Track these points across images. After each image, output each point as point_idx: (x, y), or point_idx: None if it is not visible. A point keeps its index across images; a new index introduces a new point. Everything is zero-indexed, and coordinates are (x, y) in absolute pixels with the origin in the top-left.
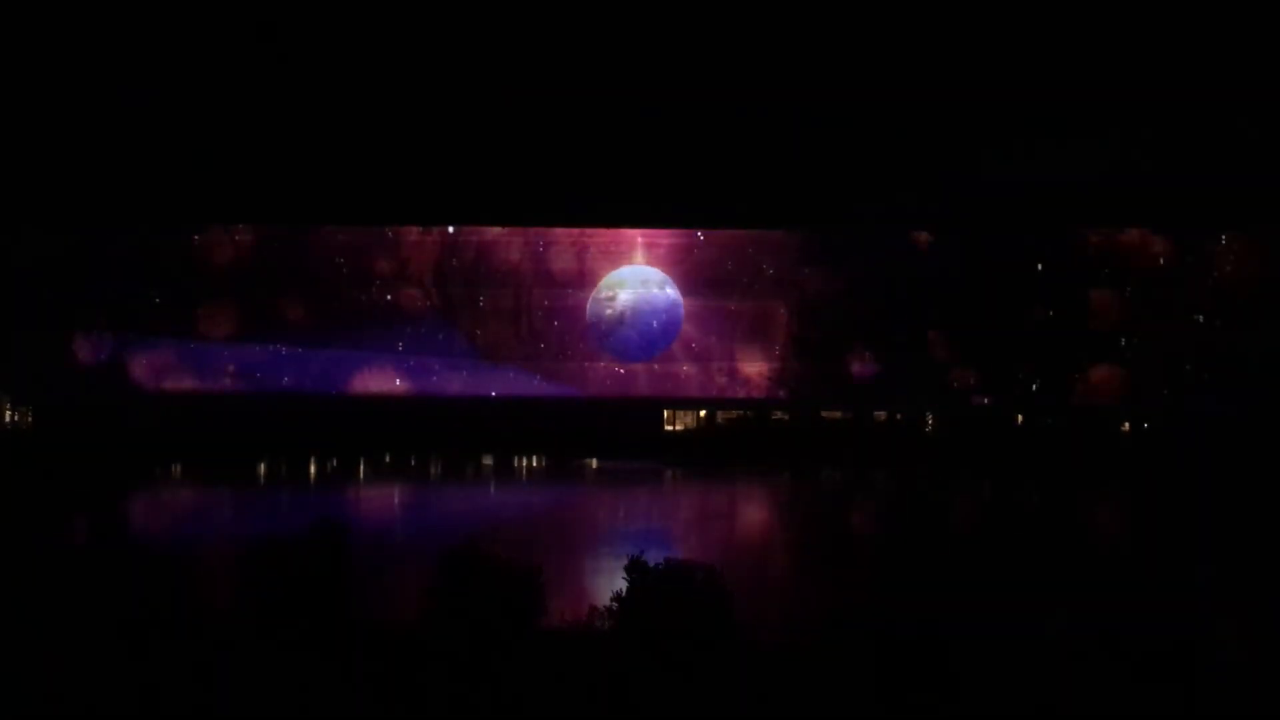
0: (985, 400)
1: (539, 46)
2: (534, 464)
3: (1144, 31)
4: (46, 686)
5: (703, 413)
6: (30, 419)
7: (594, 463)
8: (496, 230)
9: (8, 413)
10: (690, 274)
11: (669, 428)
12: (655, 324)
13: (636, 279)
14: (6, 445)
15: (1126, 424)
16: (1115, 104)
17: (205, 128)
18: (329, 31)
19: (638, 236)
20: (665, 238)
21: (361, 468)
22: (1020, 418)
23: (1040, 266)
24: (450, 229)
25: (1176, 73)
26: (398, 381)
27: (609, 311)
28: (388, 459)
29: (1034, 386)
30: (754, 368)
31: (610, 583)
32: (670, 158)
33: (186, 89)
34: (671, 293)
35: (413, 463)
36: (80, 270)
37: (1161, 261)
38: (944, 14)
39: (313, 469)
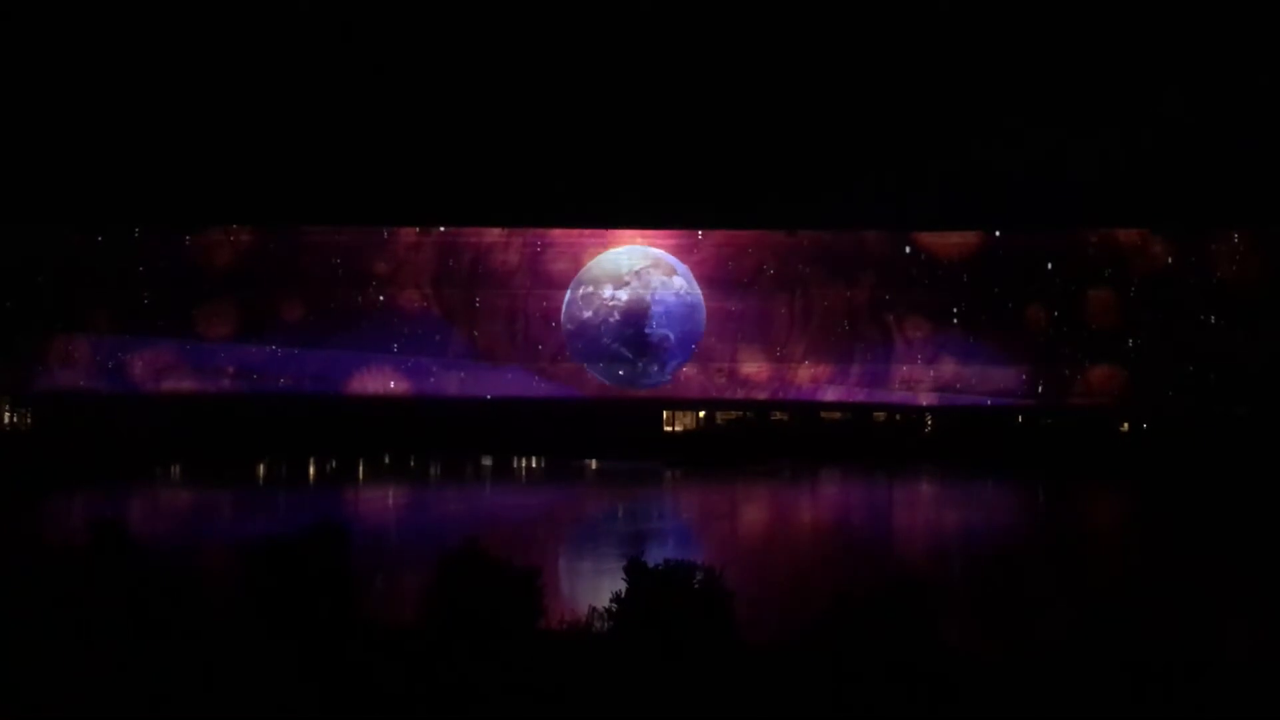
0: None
1: (538, 46)
2: (534, 464)
3: (1143, 29)
4: (46, 687)
5: (702, 413)
6: (29, 419)
7: (593, 463)
8: (496, 231)
9: (7, 413)
10: None
11: (668, 428)
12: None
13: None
14: (6, 445)
15: (1126, 424)
16: (1116, 104)
17: (205, 127)
18: (327, 31)
19: (637, 236)
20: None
21: (360, 468)
22: (1020, 417)
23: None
24: (442, 229)
25: (1176, 72)
26: (392, 384)
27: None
28: (387, 460)
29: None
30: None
31: (610, 583)
32: (670, 158)
33: (185, 88)
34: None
35: (412, 463)
36: (80, 270)
37: (1167, 261)
38: (945, 13)
39: (312, 470)
